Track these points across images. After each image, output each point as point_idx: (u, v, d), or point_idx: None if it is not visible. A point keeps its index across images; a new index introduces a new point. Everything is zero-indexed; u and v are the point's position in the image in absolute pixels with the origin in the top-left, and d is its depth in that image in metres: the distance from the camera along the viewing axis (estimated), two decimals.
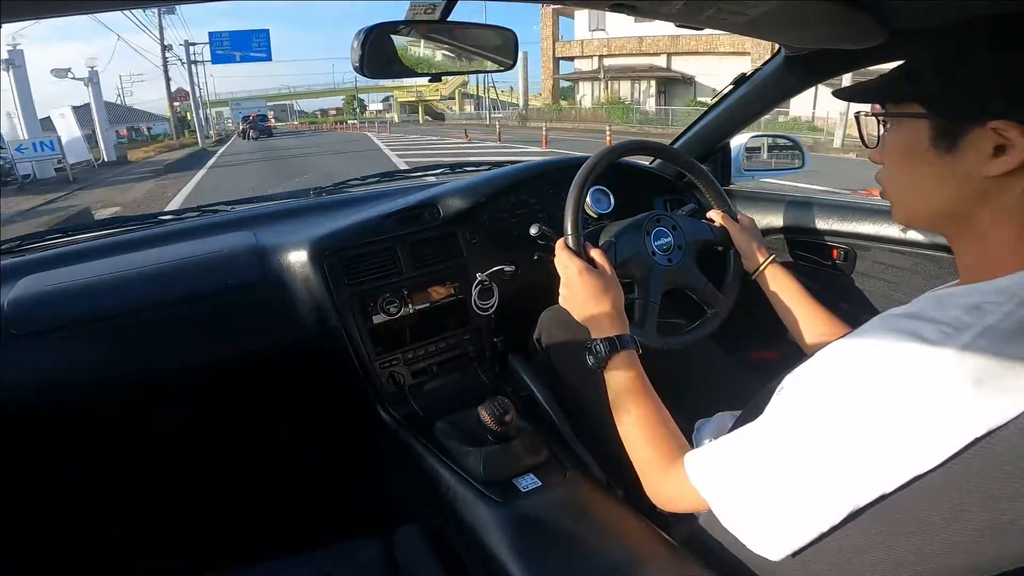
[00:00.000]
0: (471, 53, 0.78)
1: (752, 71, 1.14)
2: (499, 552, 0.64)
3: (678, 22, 0.73)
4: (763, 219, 1.23)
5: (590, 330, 0.74)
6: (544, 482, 0.73)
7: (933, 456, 0.40)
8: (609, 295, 0.76)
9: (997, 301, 0.42)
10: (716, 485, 0.51)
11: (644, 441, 0.63)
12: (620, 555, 0.62)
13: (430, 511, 0.80)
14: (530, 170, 1.17)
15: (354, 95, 54.94)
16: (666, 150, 1.11)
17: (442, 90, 41.61)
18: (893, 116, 0.51)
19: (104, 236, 1.12)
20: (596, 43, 23.28)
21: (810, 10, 0.64)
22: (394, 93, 49.51)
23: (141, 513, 1.00)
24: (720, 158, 1.35)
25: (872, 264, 1.08)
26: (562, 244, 0.82)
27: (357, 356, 0.95)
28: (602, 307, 0.75)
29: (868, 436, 0.41)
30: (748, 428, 0.51)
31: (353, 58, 0.67)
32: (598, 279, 0.77)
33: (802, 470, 0.44)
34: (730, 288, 1.00)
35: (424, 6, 0.64)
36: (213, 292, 0.93)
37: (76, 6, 0.47)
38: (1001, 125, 0.42)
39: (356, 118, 48.91)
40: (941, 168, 0.47)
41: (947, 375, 0.39)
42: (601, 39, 22.95)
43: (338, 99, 59.80)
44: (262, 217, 1.21)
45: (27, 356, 0.82)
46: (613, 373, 0.71)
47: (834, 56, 0.92)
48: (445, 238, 1.05)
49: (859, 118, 0.58)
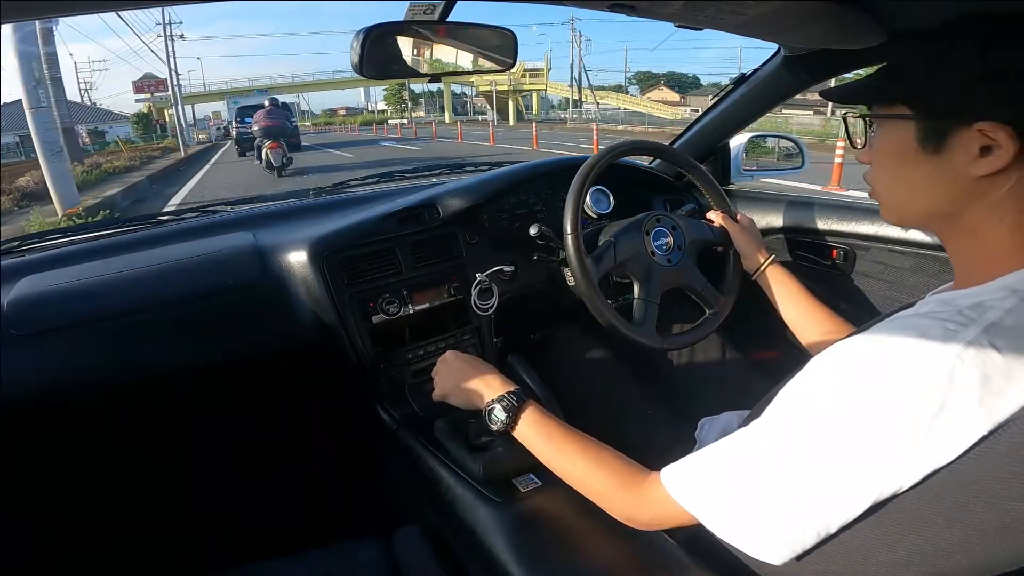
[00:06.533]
0: (471, 53, 0.79)
1: (752, 71, 1.14)
2: (499, 552, 0.64)
3: (677, 22, 0.72)
4: (763, 219, 1.23)
5: (480, 397, 0.72)
6: (544, 482, 0.73)
7: (941, 456, 0.40)
8: (484, 365, 0.77)
9: (999, 297, 0.42)
10: (705, 498, 0.50)
11: (594, 472, 0.60)
12: (620, 555, 0.62)
13: (430, 511, 0.80)
14: (529, 170, 1.17)
15: (403, 84, 39.84)
16: (666, 150, 1.11)
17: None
18: (879, 117, 0.51)
19: (104, 236, 1.12)
20: None
21: (810, 10, 0.64)
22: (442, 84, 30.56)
23: (141, 513, 1.00)
24: (720, 158, 1.35)
25: (872, 264, 1.08)
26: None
27: (357, 356, 0.95)
28: (482, 371, 0.75)
29: (874, 437, 0.41)
30: (739, 434, 0.50)
31: (353, 58, 0.67)
32: (467, 355, 0.80)
33: (806, 472, 0.44)
34: (730, 288, 1.00)
35: (424, 6, 0.64)
36: (213, 292, 0.93)
37: (76, 6, 0.47)
38: (987, 126, 0.42)
39: (404, 117, 41.25)
40: (929, 169, 0.47)
41: (954, 372, 0.39)
42: None
43: (349, 94, 52.93)
44: (262, 217, 1.21)
45: (27, 356, 0.82)
46: (526, 426, 0.67)
47: (833, 56, 0.92)
48: (445, 238, 1.05)
49: (846, 119, 0.58)
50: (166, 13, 18.06)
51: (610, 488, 0.58)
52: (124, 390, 0.88)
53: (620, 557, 0.62)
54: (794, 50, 0.98)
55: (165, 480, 1.01)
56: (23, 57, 6.48)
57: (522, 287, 1.08)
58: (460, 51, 0.78)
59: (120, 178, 10.69)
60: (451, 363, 0.79)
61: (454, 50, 0.78)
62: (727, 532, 0.48)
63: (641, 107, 33.62)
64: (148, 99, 26.57)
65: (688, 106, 35.32)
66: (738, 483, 0.48)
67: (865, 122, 0.54)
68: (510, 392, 0.69)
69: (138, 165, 12.98)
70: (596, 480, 0.60)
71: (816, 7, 0.63)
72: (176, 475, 1.02)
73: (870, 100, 0.52)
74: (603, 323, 0.90)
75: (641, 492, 0.56)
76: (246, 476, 1.08)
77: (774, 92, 1.12)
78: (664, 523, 0.56)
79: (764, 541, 0.47)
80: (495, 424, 0.68)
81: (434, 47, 0.76)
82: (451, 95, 43.94)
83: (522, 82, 38.70)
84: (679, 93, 48.71)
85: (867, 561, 0.45)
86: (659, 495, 0.53)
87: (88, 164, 11.61)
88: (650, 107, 33.16)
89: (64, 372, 0.84)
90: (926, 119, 0.46)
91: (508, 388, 0.70)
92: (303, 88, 43.99)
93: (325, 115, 60.52)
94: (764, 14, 0.66)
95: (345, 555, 0.74)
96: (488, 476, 0.73)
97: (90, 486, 0.96)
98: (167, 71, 18.71)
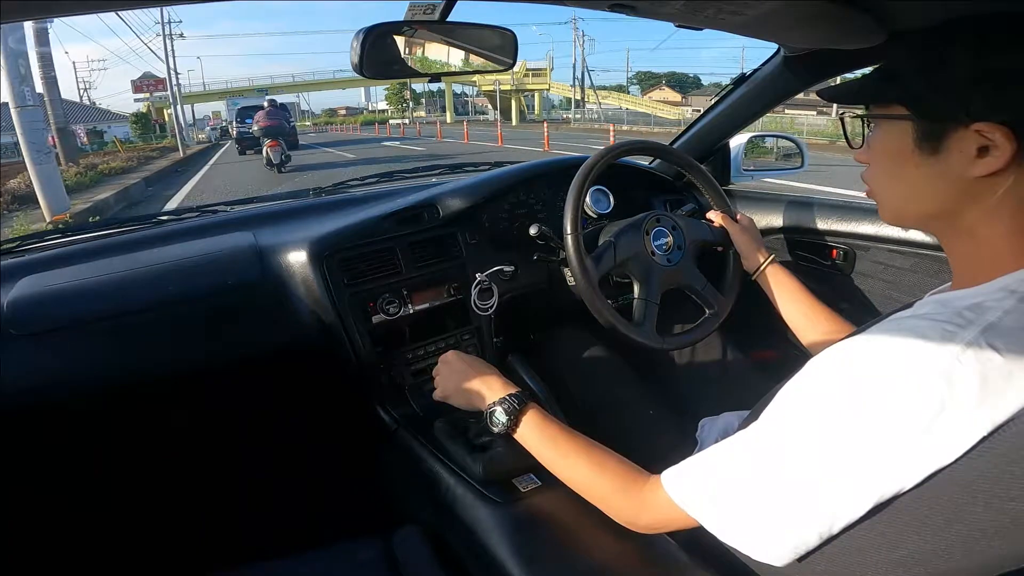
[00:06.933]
0: (471, 53, 0.79)
1: (751, 71, 1.14)
2: (499, 552, 0.64)
3: (677, 22, 0.72)
4: (763, 219, 1.23)
5: (481, 399, 0.72)
6: (544, 482, 0.73)
7: (942, 456, 0.40)
8: (486, 366, 0.77)
9: (997, 298, 0.42)
10: (706, 501, 0.49)
11: (595, 476, 0.60)
12: (620, 555, 0.62)
13: (430, 511, 0.80)
14: (529, 170, 1.17)
15: (404, 83, 40.33)
16: (665, 150, 1.11)
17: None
18: (877, 117, 0.51)
19: (104, 236, 1.12)
20: None
21: (810, 10, 0.64)
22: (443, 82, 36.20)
23: (140, 514, 1.00)
24: (719, 158, 1.35)
25: (871, 264, 1.08)
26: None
27: (357, 356, 0.95)
28: (484, 373, 0.75)
29: (874, 438, 0.41)
30: (739, 437, 0.50)
31: (353, 58, 0.67)
32: (468, 356, 0.80)
33: (806, 474, 0.44)
34: (730, 288, 1.00)
35: (423, 6, 0.64)
36: (212, 292, 0.93)
37: (76, 6, 0.47)
38: (985, 127, 0.42)
39: (405, 116, 41.37)
40: (926, 169, 0.47)
41: (952, 374, 0.39)
42: None
43: (350, 94, 52.66)
44: (261, 217, 1.21)
45: (27, 356, 0.82)
46: (527, 429, 0.67)
47: (833, 56, 0.92)
48: (444, 238, 1.05)
49: (843, 119, 0.59)
50: (165, 12, 17.84)
51: (611, 492, 0.58)
52: (124, 390, 0.88)
53: (620, 557, 0.62)
54: (794, 50, 0.98)
55: (165, 480, 1.01)
56: (8, 55, 6.21)
57: (522, 287, 1.08)
58: (460, 51, 0.78)
59: (116, 180, 10.28)
60: (453, 364, 0.79)
61: (454, 50, 0.78)
62: (729, 535, 0.48)
63: (644, 107, 33.53)
64: (147, 99, 26.16)
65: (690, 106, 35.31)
66: (739, 486, 0.48)
67: (863, 122, 0.54)
68: (511, 395, 0.69)
69: (135, 166, 12.69)
70: (598, 485, 0.60)
71: (816, 7, 0.62)
72: (176, 475, 1.02)
73: (867, 100, 0.52)
74: (603, 323, 0.90)
75: (642, 496, 0.56)
76: (246, 476, 1.08)
77: (774, 92, 1.12)
78: (666, 526, 0.56)
79: (767, 544, 0.46)
80: (496, 427, 0.68)
81: (434, 47, 0.77)
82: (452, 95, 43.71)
83: (525, 81, 38.53)
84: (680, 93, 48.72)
85: (867, 561, 0.45)
86: (660, 499, 0.53)
87: (84, 165, 11.02)
88: (653, 107, 33.10)
89: (64, 372, 0.84)
90: (923, 120, 0.46)
91: (509, 390, 0.70)
92: (303, 88, 43.77)
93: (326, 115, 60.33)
94: (764, 14, 0.65)
95: (345, 555, 0.74)
96: (488, 476, 0.73)
97: (90, 486, 0.96)
98: (166, 70, 18.53)
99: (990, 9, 0.44)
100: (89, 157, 13.60)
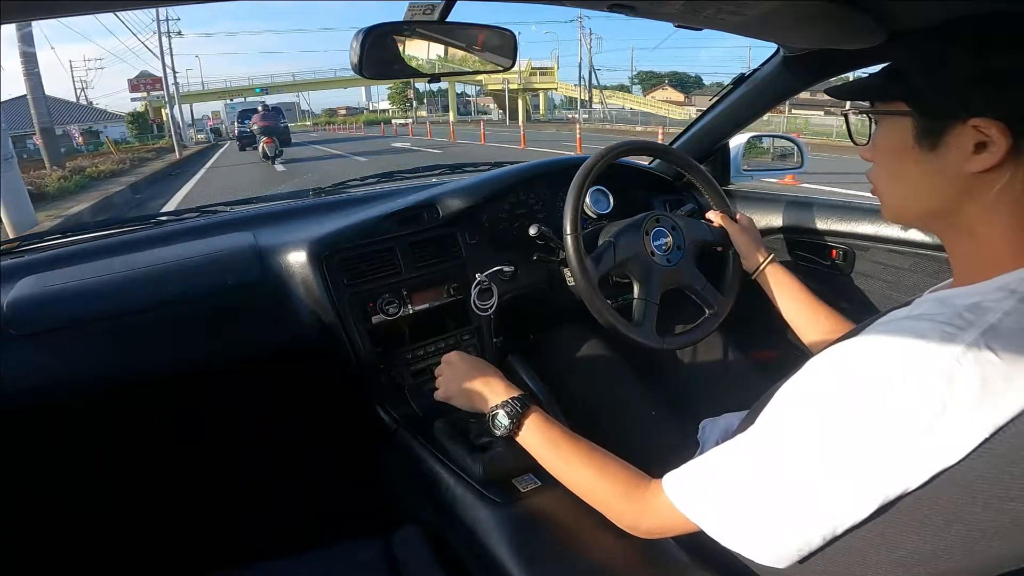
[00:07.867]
0: (471, 53, 0.79)
1: (751, 71, 1.14)
2: (499, 552, 0.64)
3: (677, 23, 0.72)
4: (762, 219, 1.23)
5: (484, 401, 0.72)
6: (544, 482, 0.72)
7: (945, 457, 0.39)
8: (488, 367, 0.77)
9: (997, 298, 0.42)
10: (707, 505, 0.49)
11: (597, 480, 0.60)
12: (620, 555, 0.62)
13: (430, 511, 0.80)
14: (529, 171, 1.17)
15: (408, 83, 35.14)
16: (665, 150, 1.11)
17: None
18: (880, 114, 0.52)
19: (104, 236, 1.12)
20: None
21: (809, 10, 0.64)
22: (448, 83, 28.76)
23: (140, 514, 1.00)
24: (719, 158, 1.35)
25: (871, 264, 1.08)
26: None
27: (356, 356, 0.95)
28: (486, 374, 0.75)
29: (875, 439, 0.41)
30: (739, 440, 0.49)
31: (352, 58, 0.67)
32: (471, 357, 0.80)
33: (807, 475, 0.44)
34: (729, 288, 1.00)
35: (423, 6, 0.64)
36: (212, 292, 0.93)
37: (76, 6, 0.47)
38: (981, 123, 0.43)
39: (408, 116, 40.88)
40: (926, 165, 0.47)
41: (952, 375, 0.39)
42: None
43: (351, 93, 52.32)
44: (261, 217, 1.21)
45: (27, 357, 0.82)
46: (529, 432, 0.67)
47: (833, 56, 0.92)
48: (444, 238, 1.05)
49: (848, 116, 0.59)
50: (163, 10, 17.18)
51: (613, 497, 0.59)
52: (124, 390, 0.88)
53: (620, 557, 0.62)
54: (794, 50, 0.98)
55: (165, 480, 1.01)
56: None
57: (522, 287, 1.08)
58: (460, 51, 0.78)
59: (105, 184, 9.49)
60: (455, 364, 0.79)
61: (454, 50, 0.78)
62: (731, 540, 0.48)
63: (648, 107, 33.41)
64: (144, 98, 25.30)
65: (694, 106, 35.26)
66: (740, 489, 0.47)
67: (869, 119, 0.55)
68: (514, 398, 0.69)
69: (128, 168, 12.00)
70: (599, 489, 0.60)
71: (816, 7, 0.62)
72: (176, 475, 1.02)
73: (871, 97, 0.53)
74: (603, 323, 0.90)
75: (644, 501, 0.56)
76: (246, 476, 1.08)
77: (773, 92, 1.12)
78: (668, 531, 0.55)
79: (769, 547, 0.46)
80: (498, 430, 0.68)
81: (434, 47, 0.77)
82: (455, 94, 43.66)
83: (532, 81, 38.28)
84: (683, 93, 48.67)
85: (867, 561, 0.45)
86: (661, 504, 0.53)
87: (70, 168, 10.11)
88: (657, 107, 33.01)
89: (64, 372, 0.84)
90: (923, 116, 0.47)
91: (512, 393, 0.70)
92: (303, 87, 42.52)
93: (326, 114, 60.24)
94: (763, 14, 0.65)
95: (345, 555, 0.74)
96: (488, 476, 0.73)
97: (90, 486, 0.96)
98: (162, 69, 18.03)
99: (990, 9, 0.44)
100: (76, 159, 13.00)
